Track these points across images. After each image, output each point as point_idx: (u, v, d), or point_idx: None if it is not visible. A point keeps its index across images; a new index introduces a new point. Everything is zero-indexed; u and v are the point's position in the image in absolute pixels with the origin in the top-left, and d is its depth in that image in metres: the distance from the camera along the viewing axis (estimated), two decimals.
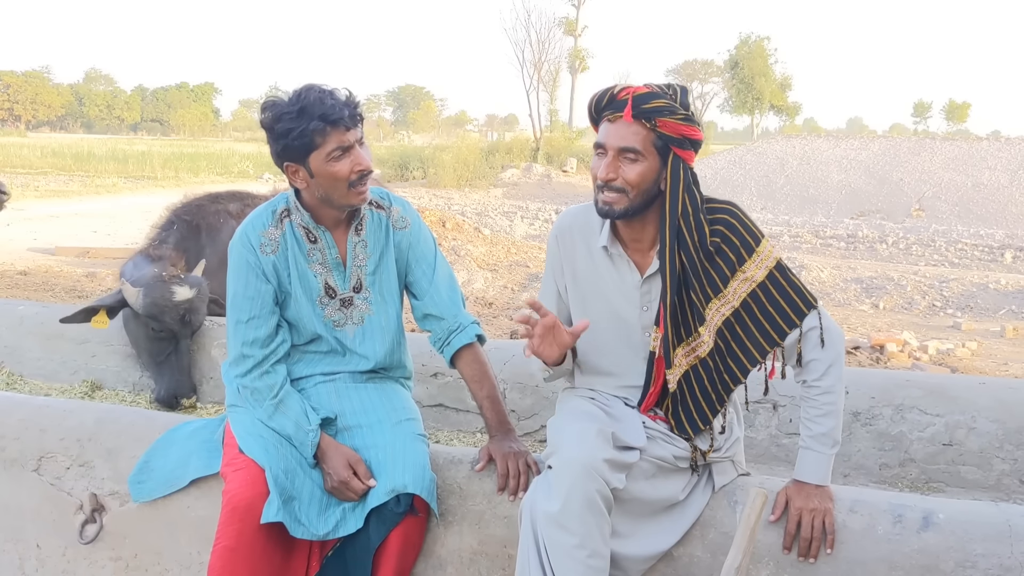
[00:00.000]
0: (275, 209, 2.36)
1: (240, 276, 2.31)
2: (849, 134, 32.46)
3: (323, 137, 2.17)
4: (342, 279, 2.38)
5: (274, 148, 2.24)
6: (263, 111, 2.25)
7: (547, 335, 2.07)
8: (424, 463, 2.23)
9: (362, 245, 2.39)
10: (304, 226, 2.34)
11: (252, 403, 2.30)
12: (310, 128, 2.15)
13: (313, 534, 2.15)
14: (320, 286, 2.36)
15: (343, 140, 2.19)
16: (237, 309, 2.31)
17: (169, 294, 3.74)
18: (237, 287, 2.32)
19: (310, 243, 2.35)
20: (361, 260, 2.39)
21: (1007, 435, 3.05)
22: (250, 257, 2.30)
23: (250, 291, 2.30)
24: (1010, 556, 1.93)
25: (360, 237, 2.39)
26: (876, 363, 6.91)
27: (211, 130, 75.61)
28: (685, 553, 2.15)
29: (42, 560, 2.59)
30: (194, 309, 3.79)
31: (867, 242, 15.49)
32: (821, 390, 2.11)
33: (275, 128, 2.20)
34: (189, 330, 3.82)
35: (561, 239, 2.27)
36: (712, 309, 2.10)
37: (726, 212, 2.13)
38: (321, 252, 2.36)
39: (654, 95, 2.06)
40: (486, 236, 11.57)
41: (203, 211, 4.35)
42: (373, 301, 2.41)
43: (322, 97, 2.17)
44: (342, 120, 2.17)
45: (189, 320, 3.78)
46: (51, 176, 25.37)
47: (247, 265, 2.31)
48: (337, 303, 2.38)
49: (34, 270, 10.25)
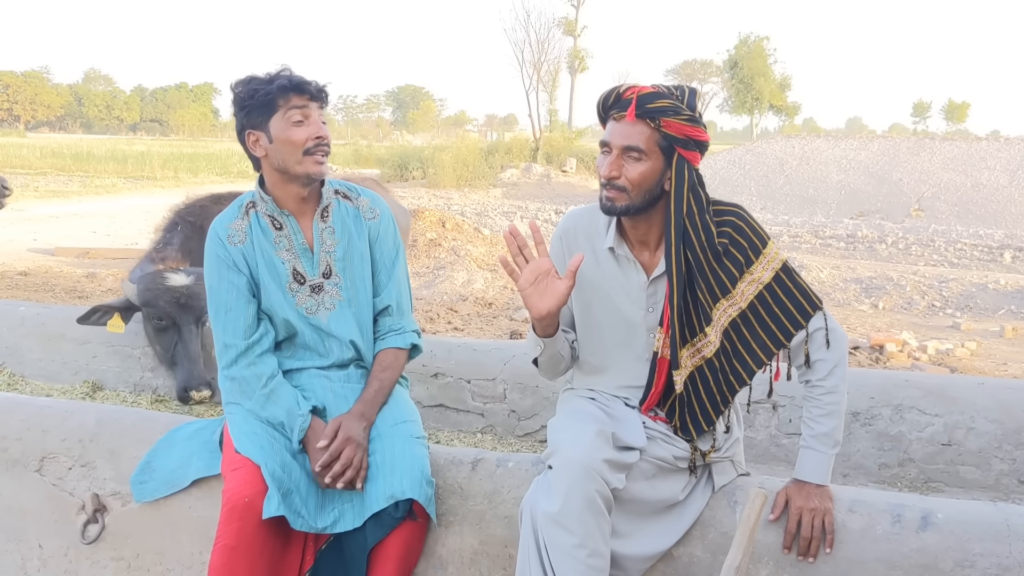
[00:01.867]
0: (241, 203, 2.43)
1: (213, 271, 2.37)
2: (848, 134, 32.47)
3: (286, 100, 2.27)
4: (310, 265, 2.41)
5: (239, 118, 2.33)
6: (234, 84, 2.34)
7: (540, 280, 2.05)
8: (423, 468, 2.23)
9: (329, 231, 2.43)
10: (269, 214, 2.39)
11: (242, 395, 2.32)
12: (275, 86, 2.26)
13: (312, 526, 2.17)
14: (288, 272, 2.39)
15: (306, 109, 2.29)
16: (215, 303, 2.36)
17: (161, 279, 3.78)
18: (212, 281, 2.37)
19: (275, 230, 2.39)
20: (329, 246, 2.42)
21: (1006, 435, 3.06)
22: (219, 250, 2.36)
23: (224, 283, 2.35)
24: (1008, 555, 1.94)
25: (327, 223, 2.43)
26: (875, 363, 6.92)
27: (210, 130, 75.57)
28: (685, 553, 2.15)
29: (44, 560, 2.59)
30: (192, 295, 3.76)
31: (866, 242, 15.50)
32: (824, 390, 2.12)
33: (243, 90, 2.30)
34: (191, 316, 3.77)
35: (566, 239, 2.27)
36: (719, 310, 2.11)
37: (733, 214, 2.13)
38: (287, 238, 2.40)
39: (659, 95, 2.07)
40: (486, 236, 11.57)
41: (206, 212, 4.35)
42: (344, 287, 2.44)
43: (291, 72, 2.31)
44: (307, 87, 2.29)
45: (189, 305, 3.75)
46: (50, 176, 25.35)
47: (218, 259, 2.36)
48: (307, 289, 2.41)
49: (34, 270, 10.25)
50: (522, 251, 2.06)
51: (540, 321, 2.10)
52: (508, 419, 3.62)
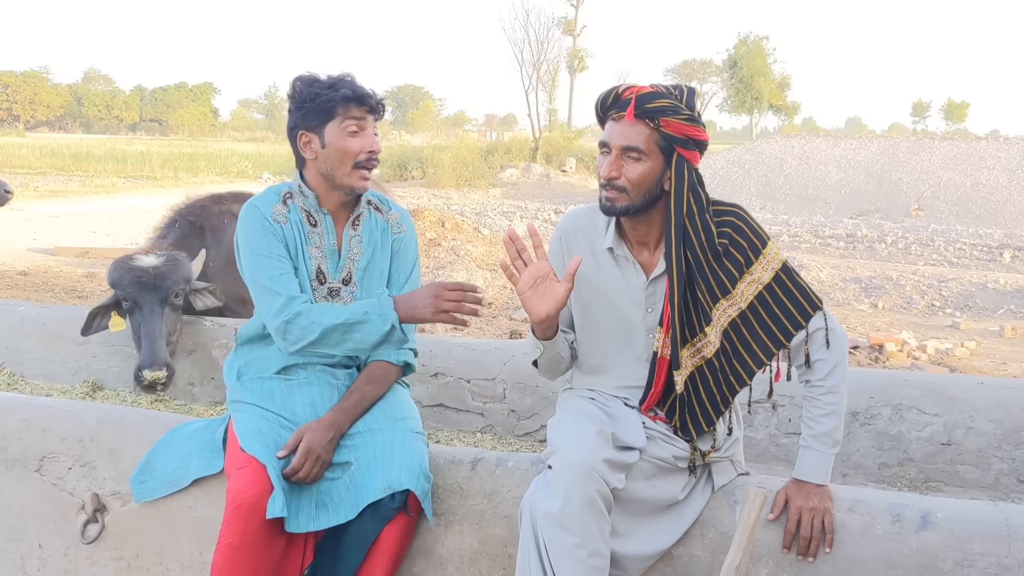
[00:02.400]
0: (279, 191, 2.43)
1: (260, 240, 2.33)
2: (848, 134, 32.47)
3: (346, 109, 2.29)
4: (334, 268, 2.43)
5: (294, 116, 2.33)
6: (296, 82, 2.34)
7: (539, 284, 2.05)
8: (421, 460, 2.24)
9: (357, 240, 2.45)
10: (306, 209, 2.40)
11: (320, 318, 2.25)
12: (339, 96, 2.27)
13: (307, 527, 2.18)
14: (312, 269, 2.40)
15: (363, 120, 2.31)
16: (267, 269, 2.30)
17: (129, 260, 3.74)
18: (259, 249, 2.32)
19: (310, 226, 2.40)
20: (355, 254, 2.44)
21: (1005, 435, 3.06)
22: (264, 223, 2.34)
23: (274, 251, 2.33)
24: (1008, 555, 1.94)
25: (356, 232, 2.45)
26: (875, 363, 6.92)
27: (210, 130, 75.53)
28: (685, 552, 2.15)
29: (44, 560, 2.59)
30: (159, 275, 3.69)
31: (866, 242, 15.50)
32: (825, 390, 2.12)
33: (303, 92, 2.30)
34: (155, 296, 3.69)
35: (565, 239, 2.27)
36: (719, 310, 2.11)
37: (732, 214, 2.13)
38: (319, 236, 2.41)
39: (658, 95, 2.07)
40: (485, 236, 11.57)
41: (207, 212, 4.35)
42: (358, 296, 2.44)
43: (353, 81, 2.33)
44: (368, 100, 2.31)
45: (153, 286, 3.68)
46: (50, 176, 25.34)
47: (264, 229, 2.34)
48: (324, 291, 2.42)
49: (34, 270, 10.25)
50: (521, 255, 2.06)
51: (539, 324, 2.10)
52: (508, 419, 3.62)
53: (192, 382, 3.99)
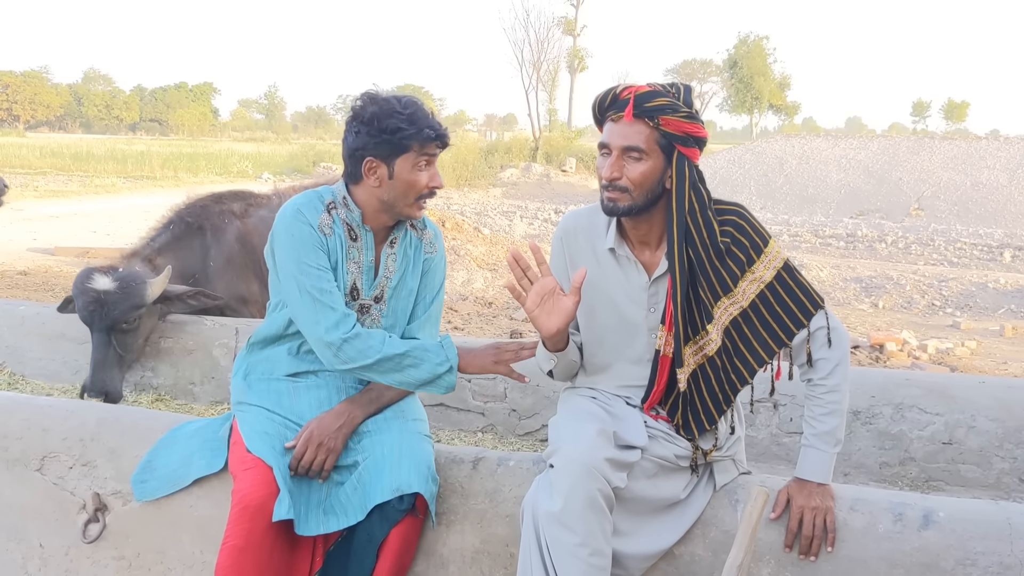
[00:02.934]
0: (323, 198, 2.36)
1: (307, 249, 2.27)
2: (848, 133, 32.47)
3: (422, 145, 2.26)
4: (369, 285, 2.40)
5: (364, 140, 2.26)
6: (370, 103, 2.27)
7: (546, 300, 2.05)
8: (429, 463, 2.24)
9: (392, 258, 2.43)
10: (348, 222, 2.36)
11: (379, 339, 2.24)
12: (422, 134, 2.24)
13: (316, 530, 2.18)
14: (347, 284, 2.37)
15: (433, 154, 2.30)
16: (316, 279, 2.25)
17: (86, 279, 3.69)
18: (307, 259, 2.26)
19: (351, 241, 2.37)
20: (389, 272, 2.42)
21: (1007, 434, 3.06)
22: (312, 233, 2.29)
23: (322, 262, 2.28)
24: (1010, 554, 1.94)
25: (392, 250, 2.43)
26: (876, 362, 6.93)
27: (210, 130, 75.46)
28: (686, 551, 2.15)
29: (45, 560, 2.59)
30: (111, 303, 3.64)
31: (866, 241, 15.50)
32: (826, 388, 2.12)
33: (380, 123, 2.24)
34: (103, 323, 3.66)
35: (566, 240, 2.26)
36: (720, 308, 2.10)
37: (734, 213, 2.13)
38: (358, 252, 2.38)
39: (656, 93, 2.06)
40: (485, 236, 11.57)
41: (207, 211, 4.34)
42: (386, 315, 2.43)
43: (428, 114, 2.30)
44: (442, 137, 2.29)
45: (103, 314, 3.64)
46: (50, 176, 25.34)
47: (311, 239, 2.28)
48: (356, 307, 2.39)
49: (34, 270, 10.25)
50: (526, 273, 2.05)
51: (551, 339, 2.11)
52: (509, 418, 3.62)
53: (193, 382, 3.99)
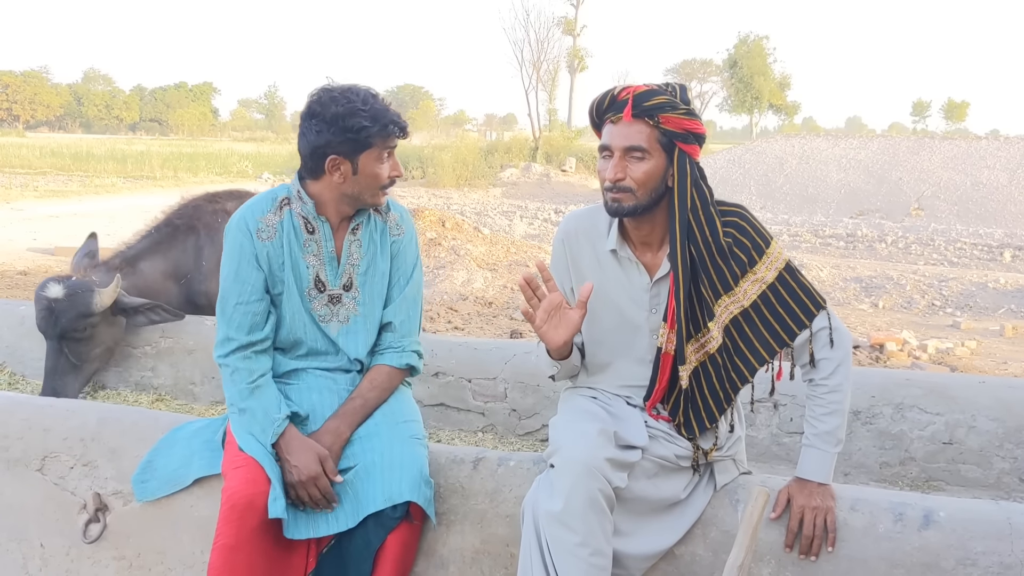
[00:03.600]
0: (276, 197, 2.40)
1: (232, 261, 2.34)
2: (848, 133, 32.48)
3: (384, 140, 2.29)
4: (334, 274, 2.40)
5: (327, 138, 2.25)
6: (331, 102, 2.25)
7: (553, 315, 2.06)
8: (421, 468, 2.23)
9: (357, 244, 2.42)
10: (304, 215, 2.37)
11: (229, 381, 2.32)
12: (386, 130, 2.27)
13: (305, 534, 2.18)
14: (311, 278, 2.38)
15: (395, 146, 2.34)
16: (226, 293, 2.34)
17: (43, 287, 3.69)
18: (228, 272, 2.34)
19: (307, 233, 2.37)
20: (355, 259, 2.42)
21: (1007, 434, 3.06)
22: (245, 242, 2.33)
23: (241, 277, 2.33)
24: (1010, 554, 1.94)
25: (356, 236, 2.42)
26: (876, 362, 6.93)
27: (210, 130, 75.48)
28: (687, 552, 2.15)
29: (46, 560, 2.59)
30: (59, 311, 3.62)
31: (866, 241, 15.50)
32: (828, 388, 2.12)
33: (344, 121, 2.24)
34: (55, 332, 3.65)
35: (567, 242, 2.26)
36: (721, 306, 2.10)
37: (736, 214, 2.13)
38: (317, 244, 2.38)
39: (654, 92, 2.07)
40: (485, 236, 11.58)
41: (200, 211, 4.32)
42: (361, 302, 2.43)
43: (386, 106, 2.31)
44: (405, 129, 2.33)
45: (53, 322, 3.63)
46: (50, 176, 25.34)
47: (240, 250, 2.33)
48: (325, 298, 2.40)
49: (34, 270, 10.26)
50: (536, 293, 2.06)
51: (556, 350, 2.12)
52: (509, 418, 3.62)
53: (193, 382, 3.99)
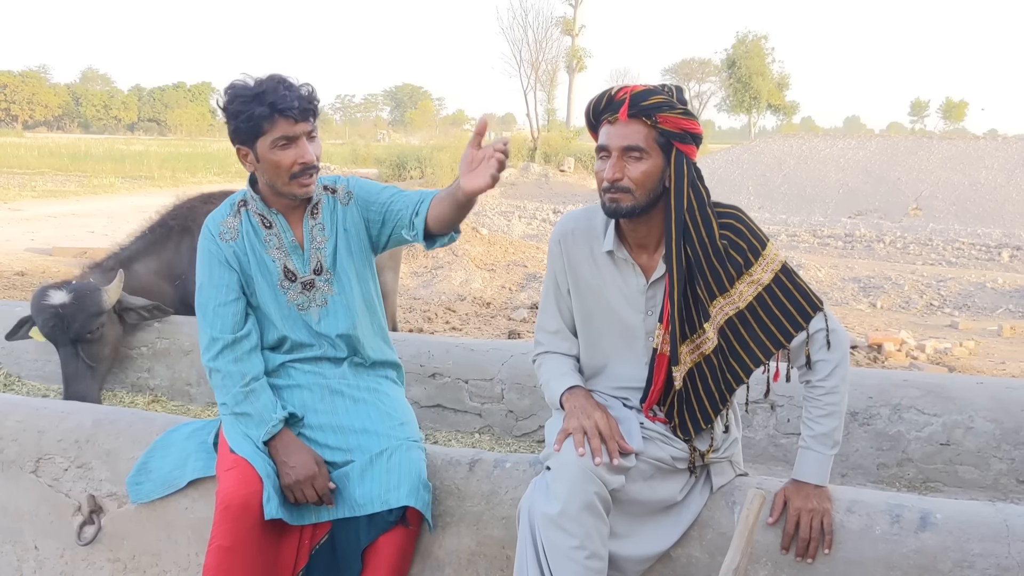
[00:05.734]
0: (233, 201, 2.44)
1: (204, 266, 2.38)
2: (846, 133, 32.49)
3: (270, 124, 2.23)
4: (301, 262, 2.41)
5: (229, 127, 2.31)
6: (226, 91, 2.31)
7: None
8: (419, 473, 2.23)
9: (319, 228, 2.43)
10: (259, 213, 2.40)
11: (221, 387, 2.31)
12: (257, 113, 2.22)
13: (309, 519, 2.20)
14: (279, 270, 2.39)
15: (290, 131, 2.24)
16: (204, 298, 2.36)
17: (42, 297, 3.68)
18: (203, 277, 2.38)
19: (266, 228, 2.40)
20: (319, 243, 2.42)
21: (1004, 435, 3.05)
22: (211, 246, 2.38)
23: (215, 279, 2.36)
24: (1007, 556, 1.94)
25: (317, 220, 2.43)
26: (874, 362, 6.92)
27: (208, 130, 75.38)
28: (683, 554, 2.15)
29: (40, 562, 2.59)
30: (67, 315, 3.63)
31: (864, 241, 15.50)
32: (825, 390, 2.12)
33: (229, 108, 2.28)
34: (66, 337, 3.66)
35: (564, 243, 2.25)
36: (716, 307, 2.10)
37: (731, 216, 2.13)
38: (277, 237, 2.40)
39: (652, 92, 2.06)
40: (484, 236, 11.57)
41: (194, 213, 4.32)
42: (335, 282, 2.43)
43: (277, 87, 2.24)
44: (290, 110, 2.23)
45: (64, 328, 3.63)
46: (48, 176, 25.32)
47: (209, 254, 2.38)
48: (299, 286, 2.41)
49: (31, 271, 10.23)
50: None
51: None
52: (506, 419, 3.61)
53: (189, 383, 3.98)
